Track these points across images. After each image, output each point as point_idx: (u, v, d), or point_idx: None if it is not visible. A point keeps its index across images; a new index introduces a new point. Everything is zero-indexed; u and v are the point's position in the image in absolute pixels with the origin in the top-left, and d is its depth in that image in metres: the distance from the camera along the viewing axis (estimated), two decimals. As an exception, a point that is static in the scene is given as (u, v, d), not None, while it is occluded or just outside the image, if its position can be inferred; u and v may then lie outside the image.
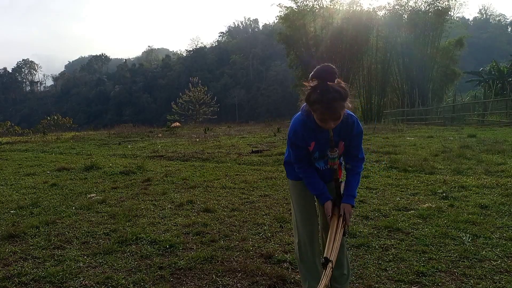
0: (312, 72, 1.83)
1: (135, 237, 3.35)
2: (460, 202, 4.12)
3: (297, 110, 2.07)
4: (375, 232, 3.34)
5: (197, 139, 13.30)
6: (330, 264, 1.79)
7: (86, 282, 2.57)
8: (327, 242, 1.93)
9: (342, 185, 2.12)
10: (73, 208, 4.41)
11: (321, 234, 2.29)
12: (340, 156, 2.08)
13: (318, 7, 30.51)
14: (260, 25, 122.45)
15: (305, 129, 1.97)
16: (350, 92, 1.85)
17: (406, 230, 3.34)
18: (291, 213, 2.38)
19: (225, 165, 7.44)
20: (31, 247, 3.21)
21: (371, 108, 30.74)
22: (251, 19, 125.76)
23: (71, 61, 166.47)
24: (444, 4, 29.51)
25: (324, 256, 1.83)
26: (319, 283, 1.74)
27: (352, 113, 1.98)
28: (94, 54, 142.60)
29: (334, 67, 1.81)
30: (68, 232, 3.57)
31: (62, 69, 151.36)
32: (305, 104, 1.93)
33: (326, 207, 2.05)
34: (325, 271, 1.77)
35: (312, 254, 2.15)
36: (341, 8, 30.41)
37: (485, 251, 2.83)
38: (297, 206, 2.20)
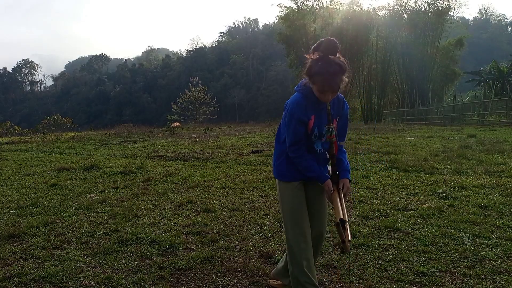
0: (315, 45, 1.91)
1: (135, 237, 3.35)
2: (460, 202, 4.12)
3: None
4: (375, 232, 3.34)
5: (197, 139, 13.29)
6: (346, 224, 1.86)
7: (86, 282, 2.57)
8: (338, 208, 1.96)
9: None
10: (73, 208, 4.42)
11: (314, 235, 2.25)
12: (335, 130, 2.12)
13: (318, 7, 30.60)
14: (260, 25, 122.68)
15: (306, 101, 2.03)
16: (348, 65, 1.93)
17: (406, 230, 3.34)
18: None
19: (225, 165, 7.43)
20: (31, 247, 3.21)
21: (371, 108, 30.78)
22: (251, 19, 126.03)
23: (71, 61, 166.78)
24: (444, 4, 29.60)
25: (340, 218, 1.89)
26: (345, 237, 1.82)
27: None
28: (94, 54, 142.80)
29: (337, 41, 1.91)
30: (68, 232, 3.57)
31: (62, 69, 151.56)
32: (301, 82, 2.02)
33: (326, 185, 2.08)
34: (345, 230, 1.85)
35: (299, 256, 2.10)
36: (341, 8, 30.51)
37: (485, 251, 2.83)
38: (288, 206, 2.17)
